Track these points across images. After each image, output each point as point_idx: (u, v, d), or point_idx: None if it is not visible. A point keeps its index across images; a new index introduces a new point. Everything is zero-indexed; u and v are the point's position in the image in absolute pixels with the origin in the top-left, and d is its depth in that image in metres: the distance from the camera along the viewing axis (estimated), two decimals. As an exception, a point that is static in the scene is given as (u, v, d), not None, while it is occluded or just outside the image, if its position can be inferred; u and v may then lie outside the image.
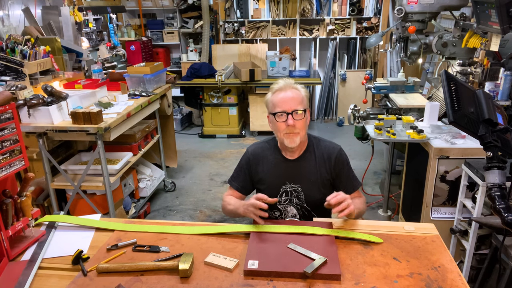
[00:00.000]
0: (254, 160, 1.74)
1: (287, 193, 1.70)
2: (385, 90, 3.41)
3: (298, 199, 1.69)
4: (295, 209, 1.71)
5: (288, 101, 1.57)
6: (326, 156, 1.69)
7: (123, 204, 3.21)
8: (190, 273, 1.22)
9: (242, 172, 1.77)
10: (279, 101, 1.59)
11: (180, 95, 5.91)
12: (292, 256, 1.28)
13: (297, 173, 1.68)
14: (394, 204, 3.54)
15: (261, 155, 1.74)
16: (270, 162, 1.72)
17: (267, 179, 1.72)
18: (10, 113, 1.30)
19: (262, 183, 1.74)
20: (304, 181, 1.68)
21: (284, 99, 1.58)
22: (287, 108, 1.57)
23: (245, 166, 1.76)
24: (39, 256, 1.35)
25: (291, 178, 1.69)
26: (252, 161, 1.75)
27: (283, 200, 1.70)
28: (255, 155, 1.75)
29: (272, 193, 1.65)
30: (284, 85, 1.61)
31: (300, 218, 1.71)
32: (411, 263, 1.25)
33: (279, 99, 1.59)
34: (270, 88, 1.66)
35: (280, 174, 1.70)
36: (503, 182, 1.41)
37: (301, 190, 1.68)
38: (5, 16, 3.88)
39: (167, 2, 6.12)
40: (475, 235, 2.17)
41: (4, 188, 1.36)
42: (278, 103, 1.59)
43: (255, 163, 1.74)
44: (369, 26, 5.90)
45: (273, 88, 1.64)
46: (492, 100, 1.52)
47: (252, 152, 1.76)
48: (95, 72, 3.46)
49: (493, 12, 2.12)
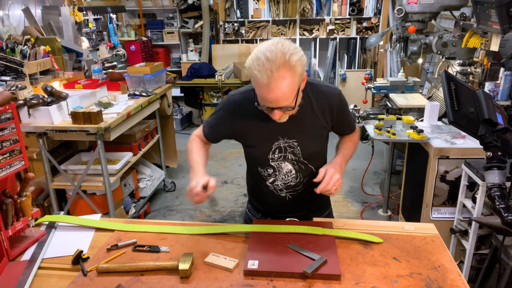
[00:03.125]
0: (237, 111, 1.44)
1: (280, 149, 1.46)
2: (385, 90, 3.41)
3: (294, 154, 1.47)
4: (291, 165, 1.50)
5: (272, 101, 1.24)
6: (326, 104, 1.42)
7: (123, 204, 3.21)
8: (190, 273, 1.22)
9: (219, 123, 1.49)
10: (261, 98, 1.26)
11: (180, 95, 5.91)
12: (292, 256, 1.28)
13: (291, 127, 1.41)
14: (394, 204, 3.54)
15: (246, 106, 1.41)
16: (259, 115, 1.37)
17: (255, 135, 1.46)
18: (10, 113, 1.30)
19: (249, 140, 1.48)
20: (300, 134, 1.45)
21: (267, 98, 1.23)
22: (272, 105, 1.25)
23: (224, 117, 1.47)
24: (39, 256, 1.35)
25: (284, 133, 1.44)
26: (234, 113, 1.44)
27: (276, 157, 1.48)
28: (239, 106, 1.43)
29: (263, 150, 1.46)
30: (267, 80, 1.18)
31: (296, 172, 1.51)
32: (411, 263, 1.25)
33: (261, 95, 1.25)
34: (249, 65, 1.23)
35: (272, 128, 1.42)
36: (503, 182, 1.41)
37: (297, 144, 1.46)
38: (5, 16, 3.88)
39: (167, 2, 6.12)
40: (475, 235, 2.17)
41: (4, 188, 1.36)
42: (260, 98, 1.27)
43: (239, 115, 1.44)
44: (369, 26, 5.90)
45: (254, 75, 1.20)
46: (492, 100, 1.52)
47: (236, 102, 1.44)
48: (95, 72, 3.46)
49: (493, 12, 2.12)
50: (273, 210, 1.63)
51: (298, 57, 1.21)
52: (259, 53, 1.20)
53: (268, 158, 1.48)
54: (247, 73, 1.25)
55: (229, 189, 4.05)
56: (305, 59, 1.25)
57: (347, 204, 3.68)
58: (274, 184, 1.54)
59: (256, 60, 1.19)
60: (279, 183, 1.54)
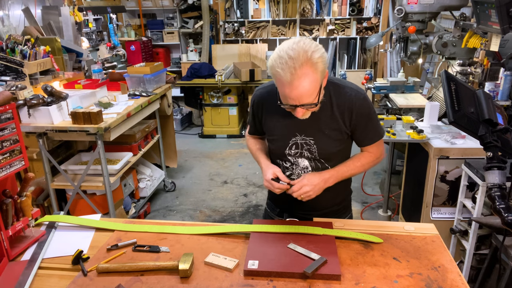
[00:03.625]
0: (260, 105, 1.52)
1: (297, 145, 1.49)
2: (385, 90, 3.41)
3: (310, 152, 1.48)
4: (307, 161, 1.51)
5: (295, 98, 1.26)
6: (346, 106, 1.41)
7: (123, 204, 3.21)
8: (190, 273, 1.22)
9: (253, 118, 1.59)
10: (283, 96, 1.29)
11: (180, 95, 5.91)
12: (292, 256, 1.28)
13: (310, 125, 1.43)
14: (394, 204, 3.54)
15: (268, 101, 1.48)
16: (280, 110, 1.39)
17: (276, 130, 1.50)
18: (10, 113, 1.30)
19: (270, 133, 1.53)
20: (318, 133, 1.45)
21: (290, 96, 1.26)
22: (295, 102, 1.28)
23: (252, 113, 1.58)
24: (39, 256, 1.35)
25: (302, 130, 1.46)
26: (258, 107, 1.53)
27: (293, 153, 1.50)
28: (262, 100, 1.51)
29: (280, 145, 1.51)
30: (291, 78, 1.21)
31: (312, 170, 1.51)
32: (411, 263, 1.25)
33: (283, 94, 1.27)
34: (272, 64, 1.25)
35: (291, 124, 1.45)
36: (503, 182, 1.41)
37: (313, 143, 1.47)
38: (5, 16, 3.88)
39: (167, 2, 6.12)
40: (475, 235, 2.17)
41: (4, 188, 1.36)
42: (283, 96, 1.29)
43: (261, 108, 1.52)
44: (369, 26, 5.90)
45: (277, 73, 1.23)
46: (492, 100, 1.52)
47: (259, 97, 1.53)
48: (95, 72, 3.46)
49: (493, 12, 2.12)
50: (290, 207, 1.63)
51: (320, 54, 1.23)
52: (281, 52, 1.23)
53: (285, 153, 1.52)
54: (270, 72, 1.29)
55: (229, 189, 4.05)
56: (326, 56, 1.28)
57: (347, 204, 3.68)
58: (290, 178, 1.53)
59: (279, 59, 1.22)
60: (295, 178, 1.53)
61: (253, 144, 1.66)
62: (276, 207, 1.71)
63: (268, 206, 1.77)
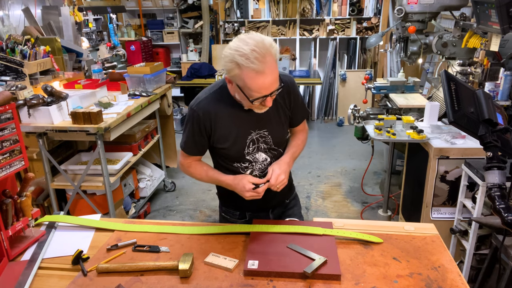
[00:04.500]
0: (207, 119, 1.46)
1: (253, 141, 1.52)
2: (385, 90, 3.41)
3: (266, 143, 1.54)
4: (264, 153, 1.55)
5: (268, 86, 1.29)
6: (285, 90, 1.49)
7: (123, 204, 3.21)
8: (190, 273, 1.22)
9: (196, 136, 1.51)
10: (257, 88, 1.29)
11: (180, 95, 5.91)
12: (292, 256, 1.28)
13: (261, 118, 1.48)
14: (394, 204, 3.54)
15: (214, 111, 1.46)
16: (229, 115, 1.46)
17: (230, 135, 1.49)
18: (10, 113, 1.30)
19: (224, 142, 1.50)
20: (269, 124, 1.51)
21: (264, 85, 1.28)
22: (266, 93, 1.31)
23: (197, 130, 1.48)
24: (39, 256, 1.35)
25: (255, 125, 1.50)
26: (205, 122, 1.46)
27: (251, 150, 1.53)
28: (207, 114, 1.46)
29: (238, 148, 1.50)
30: (262, 66, 1.24)
31: (271, 159, 1.56)
32: (411, 263, 1.25)
33: (258, 85, 1.28)
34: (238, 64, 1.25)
35: (243, 124, 1.48)
36: (503, 182, 1.41)
37: (267, 134, 1.52)
38: (5, 16, 3.88)
39: (167, 2, 6.12)
40: (475, 235, 2.17)
41: (4, 188, 1.36)
42: (256, 89, 1.29)
43: (210, 122, 1.47)
44: (369, 26, 5.90)
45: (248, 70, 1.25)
46: (492, 100, 1.52)
47: (203, 111, 1.46)
48: (95, 72, 3.46)
49: (493, 12, 2.12)
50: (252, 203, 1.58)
51: (270, 40, 1.30)
52: (240, 49, 1.25)
53: (244, 153, 1.52)
54: (233, 74, 1.29)
55: (229, 189, 4.04)
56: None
57: (347, 204, 3.68)
58: (252, 175, 1.54)
59: (244, 56, 1.24)
60: (257, 173, 1.55)
61: (200, 167, 1.57)
62: (235, 210, 1.69)
63: (225, 213, 1.73)
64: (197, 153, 1.57)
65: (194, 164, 1.58)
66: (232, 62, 1.26)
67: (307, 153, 4.82)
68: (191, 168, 1.58)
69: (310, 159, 4.62)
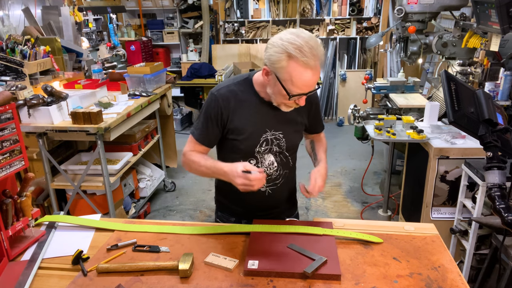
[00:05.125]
0: (226, 107, 1.41)
1: (267, 142, 1.47)
2: (385, 90, 3.41)
3: (279, 147, 1.50)
4: (273, 156, 1.51)
5: (311, 84, 1.27)
6: (308, 99, 1.40)
7: (123, 204, 3.21)
8: (190, 273, 1.22)
9: (210, 123, 1.44)
10: (302, 83, 1.26)
11: (180, 95, 5.91)
12: (292, 256, 1.28)
13: (279, 119, 1.45)
14: (394, 204, 3.54)
15: (234, 100, 1.42)
16: (248, 107, 1.42)
17: (246, 128, 1.44)
18: (10, 113, 1.30)
19: (238, 134, 1.45)
20: (286, 127, 1.48)
21: (309, 82, 1.26)
22: (307, 90, 1.29)
23: (213, 116, 1.42)
24: (39, 256, 1.35)
25: (271, 125, 1.46)
26: (223, 109, 1.41)
27: (263, 150, 1.48)
28: (227, 101, 1.41)
29: (251, 144, 1.46)
30: (313, 60, 1.23)
31: (278, 165, 1.52)
32: (411, 263, 1.25)
33: (303, 80, 1.25)
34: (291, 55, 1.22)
35: (261, 121, 1.44)
36: (503, 182, 1.42)
37: (282, 137, 1.48)
38: (5, 16, 3.88)
39: (167, 2, 6.12)
40: (475, 235, 2.17)
41: (4, 188, 1.36)
42: (299, 85, 1.26)
43: (227, 110, 1.42)
44: (369, 26, 5.90)
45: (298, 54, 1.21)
46: (492, 100, 1.52)
47: (223, 98, 1.41)
48: (95, 72, 3.46)
49: (493, 12, 2.12)
50: (251, 209, 1.59)
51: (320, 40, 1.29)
52: (295, 42, 1.22)
53: (255, 151, 1.48)
54: (279, 66, 1.25)
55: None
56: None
57: (347, 204, 3.68)
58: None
59: (299, 48, 1.21)
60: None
61: (201, 155, 1.47)
62: (231, 216, 1.65)
63: (220, 218, 1.69)
64: (207, 143, 1.48)
65: (194, 153, 1.48)
66: (283, 53, 1.22)
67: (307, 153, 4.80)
68: (192, 156, 1.48)
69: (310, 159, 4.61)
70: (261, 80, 1.39)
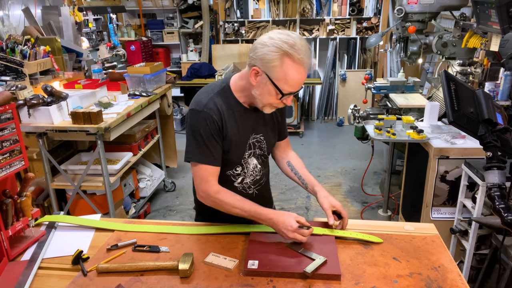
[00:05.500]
0: (220, 120, 1.35)
1: (250, 146, 1.46)
2: (385, 90, 3.41)
3: (260, 149, 1.49)
4: (255, 159, 1.50)
5: (302, 82, 1.28)
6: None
7: (123, 204, 3.21)
8: (190, 273, 1.22)
9: (213, 141, 1.35)
10: (295, 81, 1.26)
11: (180, 95, 5.91)
12: (292, 256, 1.28)
13: (259, 122, 1.45)
14: (394, 204, 3.54)
15: (223, 112, 1.36)
16: (234, 116, 1.38)
17: (235, 138, 1.40)
18: (10, 113, 1.30)
19: (230, 145, 1.40)
20: (265, 128, 1.48)
21: (301, 80, 1.26)
22: (297, 89, 1.29)
23: (214, 132, 1.34)
24: (39, 256, 1.35)
25: (253, 129, 1.45)
26: (219, 123, 1.34)
27: (247, 155, 1.47)
28: (218, 114, 1.34)
29: (238, 153, 1.44)
30: (307, 58, 1.24)
31: (260, 166, 1.53)
32: (411, 263, 1.25)
33: (297, 78, 1.25)
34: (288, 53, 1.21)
35: (245, 126, 1.42)
36: (503, 182, 1.41)
37: (263, 139, 1.48)
38: (5, 16, 3.88)
39: (167, 2, 6.12)
40: (475, 235, 2.17)
41: (4, 188, 1.36)
42: (293, 83, 1.26)
43: (222, 123, 1.35)
44: (369, 26, 5.90)
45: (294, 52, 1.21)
46: (492, 100, 1.52)
47: (215, 112, 1.34)
48: (95, 72, 3.46)
49: (493, 12, 2.12)
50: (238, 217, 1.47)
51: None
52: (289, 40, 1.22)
53: (242, 158, 1.47)
54: (272, 65, 1.23)
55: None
56: None
57: (347, 204, 3.68)
58: (243, 183, 1.51)
59: (293, 46, 1.22)
60: (248, 180, 1.52)
61: (232, 196, 1.37)
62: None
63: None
64: (218, 163, 1.38)
65: (224, 192, 1.37)
66: (277, 51, 1.21)
67: (307, 153, 4.82)
68: (220, 195, 1.36)
69: (310, 159, 4.62)
70: (239, 85, 1.39)
